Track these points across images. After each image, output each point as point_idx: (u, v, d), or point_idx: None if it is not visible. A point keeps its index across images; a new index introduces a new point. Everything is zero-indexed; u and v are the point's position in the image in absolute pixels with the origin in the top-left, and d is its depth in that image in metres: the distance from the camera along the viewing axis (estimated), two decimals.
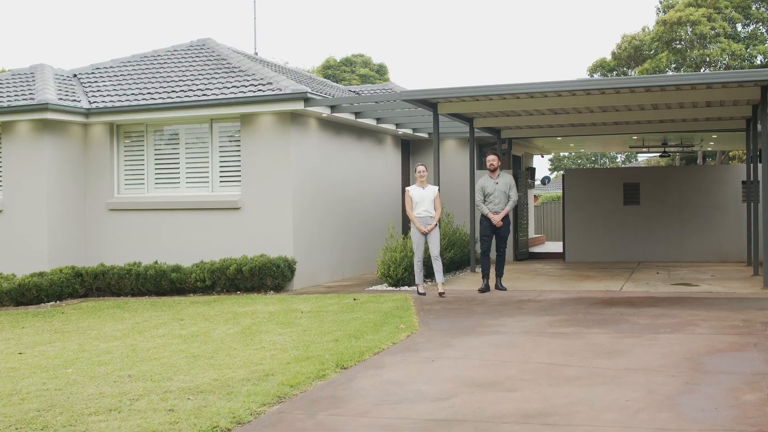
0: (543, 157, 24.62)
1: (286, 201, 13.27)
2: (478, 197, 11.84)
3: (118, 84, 15.42)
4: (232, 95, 13.36)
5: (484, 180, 11.85)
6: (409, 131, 17.29)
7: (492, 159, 11.81)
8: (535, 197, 41.68)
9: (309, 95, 12.67)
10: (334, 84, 19.93)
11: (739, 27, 35.91)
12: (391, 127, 16.40)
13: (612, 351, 7.07)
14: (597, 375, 6.16)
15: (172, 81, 14.94)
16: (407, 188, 11.45)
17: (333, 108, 13.63)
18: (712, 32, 33.64)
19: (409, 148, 18.65)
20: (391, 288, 12.65)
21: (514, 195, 11.77)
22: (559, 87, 11.49)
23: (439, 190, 11.61)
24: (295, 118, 13.38)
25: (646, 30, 36.75)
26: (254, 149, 13.53)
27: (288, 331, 8.77)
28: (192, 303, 11.94)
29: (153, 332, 9.35)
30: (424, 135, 18.17)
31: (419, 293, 11.38)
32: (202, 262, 13.19)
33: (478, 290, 11.63)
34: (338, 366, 6.83)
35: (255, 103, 13.10)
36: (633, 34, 36.75)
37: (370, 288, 12.85)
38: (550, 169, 65.44)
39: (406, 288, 12.53)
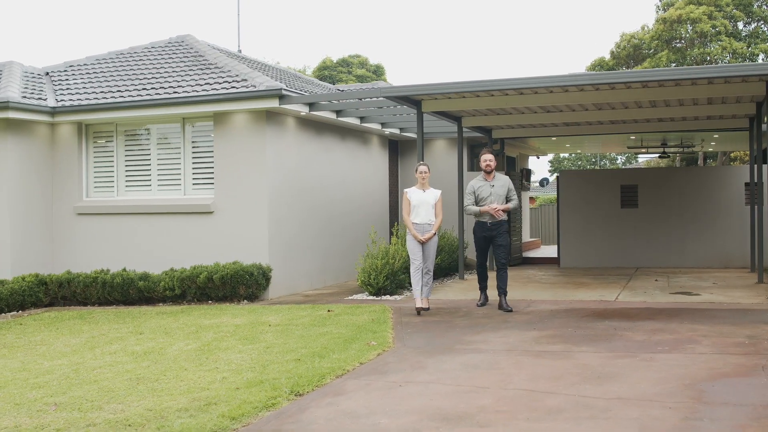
0: (539, 158, 23.82)
1: (261, 204, 12.49)
2: (468, 201, 10.14)
3: (89, 82, 14.66)
4: (204, 92, 12.59)
5: (476, 182, 10.16)
6: (396, 131, 16.51)
7: (488, 159, 10.07)
8: (533, 199, 40.88)
9: (284, 92, 11.90)
10: (322, 83, 19.16)
11: (740, 25, 35.13)
12: (376, 126, 15.63)
13: (602, 375, 6.28)
14: (584, 406, 5.38)
15: (144, 78, 14.18)
16: (406, 190, 10.09)
17: (311, 106, 12.85)
18: (713, 30, 32.86)
19: (397, 149, 17.87)
20: (371, 297, 11.87)
21: (514, 199, 10.15)
22: (549, 83, 10.71)
23: (441, 194, 10.11)
24: (270, 116, 12.60)
25: (646, 28, 35.97)
26: (228, 150, 12.76)
27: (249, 349, 7.99)
28: (158, 314, 11.17)
29: (105, 348, 8.58)
30: (413, 135, 17.40)
31: (418, 308, 9.84)
32: (171, 270, 12.42)
33: (477, 305, 10.36)
34: (293, 392, 6.05)
35: (227, 101, 12.33)
36: (632, 32, 35.97)
37: (350, 297, 12.07)
38: (550, 171, 64.62)
39: (387, 297, 11.75)
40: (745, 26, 35.22)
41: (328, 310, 10.32)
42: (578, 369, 6.51)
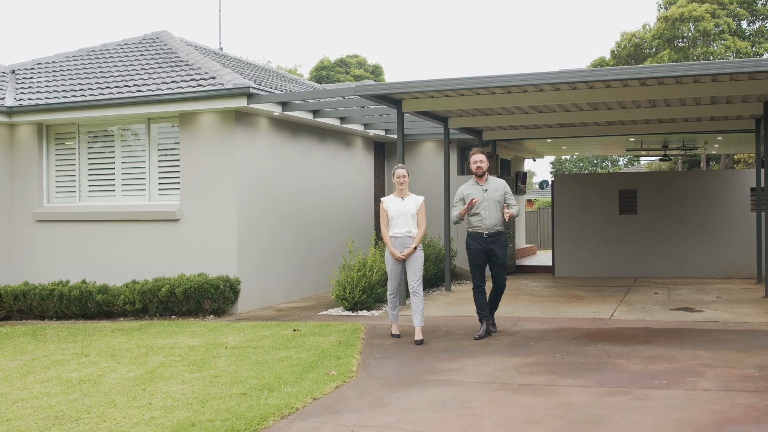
0: (535, 160, 22.91)
1: (229, 211, 11.59)
2: (456, 211, 8.71)
3: (53, 80, 13.78)
4: (169, 91, 11.69)
5: (466, 187, 8.75)
6: (381, 132, 15.60)
7: (479, 160, 8.61)
8: (531, 201, 40.02)
9: (252, 90, 11.00)
10: (308, 83, 18.26)
11: (744, 24, 34.20)
12: (359, 128, 14.72)
13: (588, 419, 5.37)
14: None
15: (111, 76, 13.28)
16: (382, 199, 8.68)
17: (284, 106, 11.95)
18: (717, 29, 31.93)
19: (384, 151, 16.96)
20: (346, 313, 10.96)
21: (515, 204, 8.68)
22: (538, 80, 9.80)
23: (423, 201, 8.73)
24: (240, 117, 11.71)
25: (647, 27, 35.05)
26: (194, 153, 11.86)
27: (195, 378, 7.09)
28: (113, 331, 10.27)
29: (40, 375, 7.68)
30: None
31: (393, 335, 8.71)
32: (133, 282, 11.52)
33: (475, 338, 8.53)
34: None
35: (193, 100, 11.44)
36: (633, 31, 35.04)
37: (323, 312, 11.16)
38: (551, 173, 63.77)
39: (364, 313, 10.84)
40: (749, 25, 34.28)
41: (294, 330, 9.41)
42: (561, 410, 5.60)
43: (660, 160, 22.12)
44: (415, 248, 8.49)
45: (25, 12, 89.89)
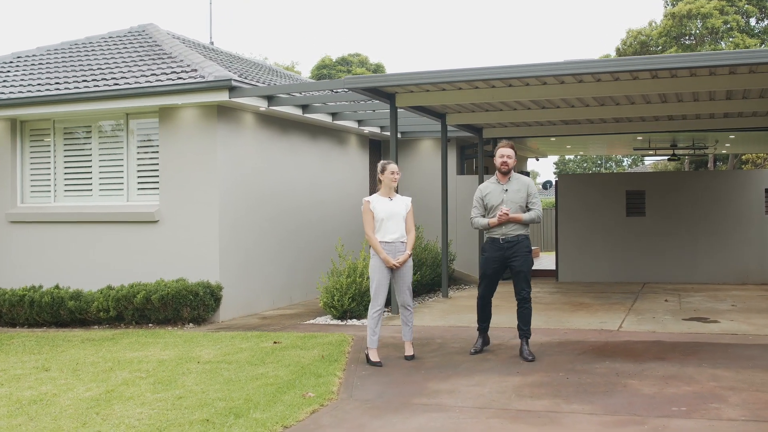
0: (538, 160, 22.14)
1: (211, 213, 10.86)
2: (474, 213, 7.77)
3: (30, 74, 13.07)
4: (148, 84, 10.96)
5: (486, 186, 7.77)
6: (377, 129, 14.85)
7: (506, 154, 7.55)
8: None
9: (235, 83, 10.27)
10: (303, 79, 17.51)
11: (752, 21, 33.39)
12: (352, 124, 13.98)
13: None
14: None
15: (90, 70, 12.57)
16: (366, 199, 7.60)
17: (270, 101, 11.23)
18: (725, 26, 31.13)
19: (379, 150, 16.22)
20: (335, 322, 10.23)
21: (536, 208, 7.59)
22: (541, 71, 9.04)
23: (412, 202, 7.80)
24: (223, 112, 10.98)
25: (653, 24, 34.26)
26: (175, 150, 11.13)
27: (157, 399, 6.35)
28: (83, 341, 9.54)
29: None
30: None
31: (372, 362, 7.38)
32: (108, 288, 10.80)
33: (471, 352, 7.76)
34: None
35: (172, 94, 10.71)
36: (639, 28, 34.25)
37: (310, 321, 10.43)
38: (555, 173, 63.04)
39: (354, 322, 10.11)
40: (758, 22, 33.47)
41: (274, 342, 8.67)
42: None
43: (668, 159, 21.34)
44: (410, 255, 7.59)
45: (20, 4, 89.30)
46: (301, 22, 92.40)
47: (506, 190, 7.59)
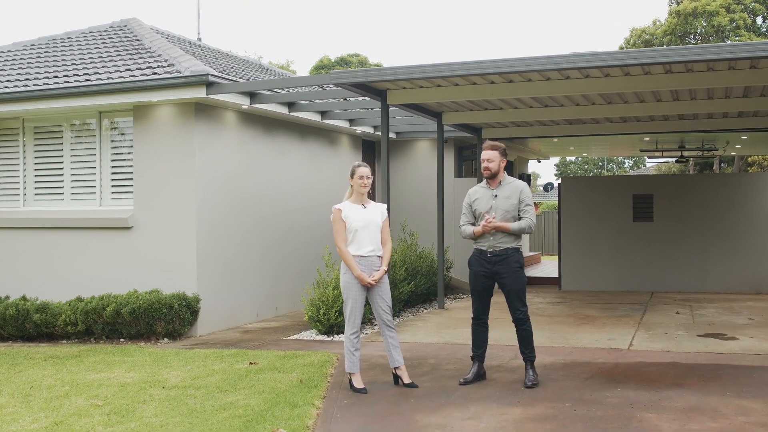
0: (539, 162, 21.37)
1: (188, 218, 10.08)
2: (463, 220, 6.94)
3: (1, 70, 12.29)
4: (121, 80, 10.18)
5: (474, 191, 6.92)
6: (370, 130, 14.07)
7: (486, 158, 6.73)
8: (536, 205, 38.48)
9: (212, 79, 9.49)
10: (297, 77, 16.75)
11: (759, 20, 32.59)
12: (343, 124, 13.20)
13: None
14: None
15: (64, 65, 11.80)
16: (337, 206, 6.71)
17: (254, 98, 10.45)
18: (731, 24, 30.34)
19: (374, 151, 15.43)
20: (320, 337, 9.45)
21: (528, 216, 6.67)
22: (545, 65, 8.25)
23: (387, 210, 7.01)
24: (202, 110, 10.20)
25: (658, 23, 33.48)
26: (150, 151, 10.36)
27: None
28: (46, 359, 8.75)
29: None
30: (392, 135, 14.98)
31: (355, 389, 6.56)
32: (77, 300, 10.03)
33: (461, 382, 6.77)
34: None
35: (146, 90, 9.93)
36: (643, 27, 33.45)
37: (294, 336, 9.64)
38: (556, 175, 62.31)
39: (341, 337, 9.32)
40: (764, 21, 32.68)
41: (251, 363, 7.87)
42: None
43: (676, 161, 20.53)
44: (387, 270, 6.75)
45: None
46: (301, 23, 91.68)
47: (496, 195, 6.73)
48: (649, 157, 22.13)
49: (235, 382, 7.01)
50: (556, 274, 15.44)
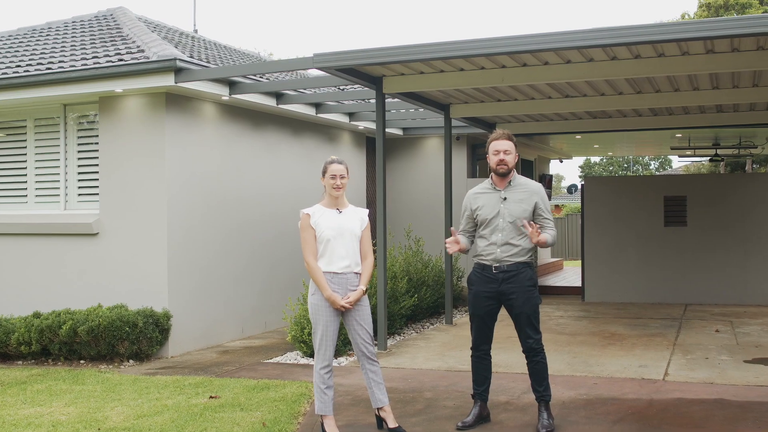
0: (562, 161, 20.00)
1: (158, 223, 8.90)
2: (462, 225, 5.65)
3: None
4: (84, 67, 9.02)
5: (477, 195, 5.56)
6: (373, 125, 12.83)
7: (503, 149, 5.37)
8: (558, 207, 36.95)
9: (180, 64, 8.29)
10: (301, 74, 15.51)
11: None
12: (343, 119, 11.98)
13: None
14: None
15: (32, 54, 10.69)
16: (305, 211, 5.40)
17: (233, 87, 9.25)
18: None
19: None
20: (304, 360, 8.23)
21: (549, 226, 5.42)
22: (563, 42, 6.92)
23: (368, 216, 5.58)
24: (174, 100, 9.01)
25: (687, 16, 31.97)
26: (116, 147, 9.20)
27: None
28: None
29: None
30: (398, 131, 13.73)
31: None
32: (33, 316, 8.88)
33: (458, 427, 5.49)
34: None
35: (110, 78, 8.75)
36: (671, 20, 31.93)
37: (275, 359, 8.41)
38: (580, 177, 60.75)
39: None
40: None
41: (211, 396, 6.64)
42: None
43: (710, 160, 19.05)
44: (365, 291, 5.45)
45: None
46: (304, 22, 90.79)
47: (505, 198, 5.40)
48: (679, 156, 20.62)
49: (184, 425, 5.77)
50: (578, 284, 14.10)
